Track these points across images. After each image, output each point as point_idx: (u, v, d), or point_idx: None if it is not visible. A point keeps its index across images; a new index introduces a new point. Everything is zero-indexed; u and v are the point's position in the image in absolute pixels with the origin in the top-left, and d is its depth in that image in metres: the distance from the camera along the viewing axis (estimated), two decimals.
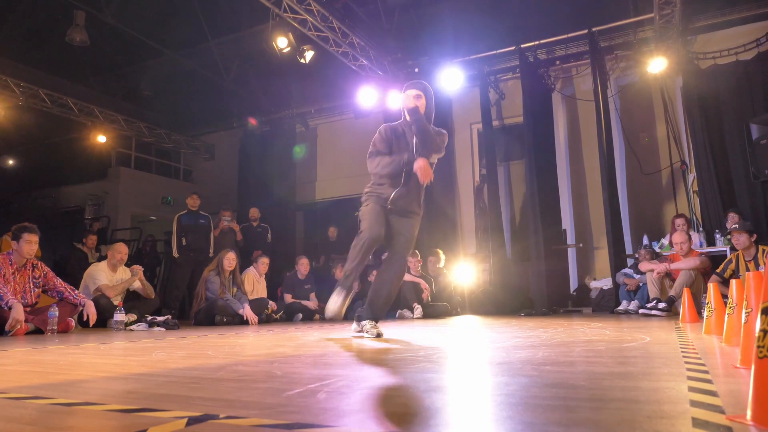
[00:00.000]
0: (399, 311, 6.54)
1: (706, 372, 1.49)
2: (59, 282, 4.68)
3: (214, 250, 7.47)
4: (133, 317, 4.96)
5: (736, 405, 1.05)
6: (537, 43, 7.74)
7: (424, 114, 3.36)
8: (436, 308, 6.51)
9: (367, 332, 3.20)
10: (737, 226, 5.13)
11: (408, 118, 3.37)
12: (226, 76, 9.17)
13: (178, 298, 7.25)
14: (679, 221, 6.16)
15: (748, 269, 4.96)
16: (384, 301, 3.34)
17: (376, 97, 8.12)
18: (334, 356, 2.20)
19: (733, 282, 2.43)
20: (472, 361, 2.01)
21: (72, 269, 7.42)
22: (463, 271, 7.48)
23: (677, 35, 7.02)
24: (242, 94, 9.89)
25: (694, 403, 1.06)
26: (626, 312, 5.82)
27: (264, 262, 6.68)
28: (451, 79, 7.83)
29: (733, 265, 5.13)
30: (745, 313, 1.66)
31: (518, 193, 8.82)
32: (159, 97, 10.30)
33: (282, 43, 7.22)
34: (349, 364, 1.94)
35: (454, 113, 8.98)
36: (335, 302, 3.18)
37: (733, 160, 6.85)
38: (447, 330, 3.96)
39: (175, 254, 7.36)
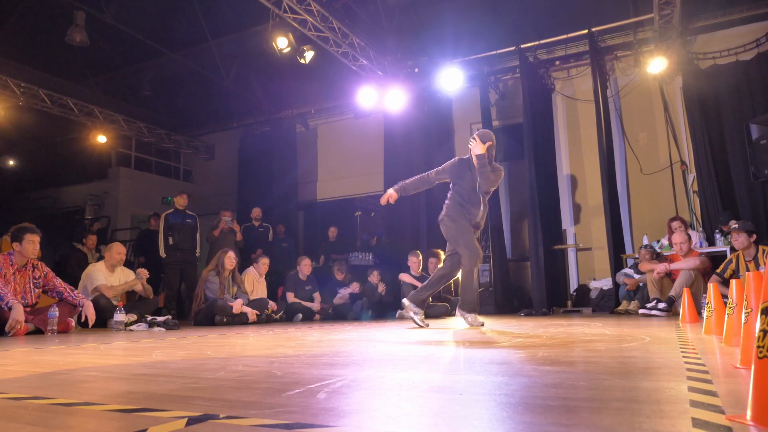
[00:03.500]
0: (399, 311, 6.53)
1: (706, 372, 1.49)
2: (59, 282, 4.68)
3: (201, 250, 7.47)
4: (133, 317, 4.96)
5: (736, 405, 1.05)
6: (537, 43, 7.74)
7: (487, 158, 4.23)
8: (436, 308, 6.51)
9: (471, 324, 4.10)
10: (737, 225, 5.13)
11: (475, 160, 4.21)
12: (226, 76, 9.16)
13: (173, 298, 7.22)
14: (675, 224, 6.15)
15: (748, 269, 4.96)
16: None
17: (376, 98, 8.12)
18: (334, 356, 2.20)
19: (733, 282, 2.43)
20: (472, 362, 2.01)
21: (72, 269, 7.40)
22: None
23: (677, 35, 7.02)
24: (242, 94, 9.88)
25: (694, 403, 1.06)
26: (626, 312, 5.82)
27: (264, 263, 6.68)
28: (451, 79, 7.83)
29: (733, 265, 5.13)
30: (745, 313, 1.66)
31: (518, 193, 8.81)
32: (159, 97, 10.29)
33: (282, 43, 7.22)
34: (349, 364, 1.94)
35: (454, 113, 8.98)
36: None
37: (733, 160, 6.85)
38: (447, 330, 3.96)
39: (163, 254, 7.21)
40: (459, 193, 4.33)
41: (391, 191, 4.40)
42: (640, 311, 5.46)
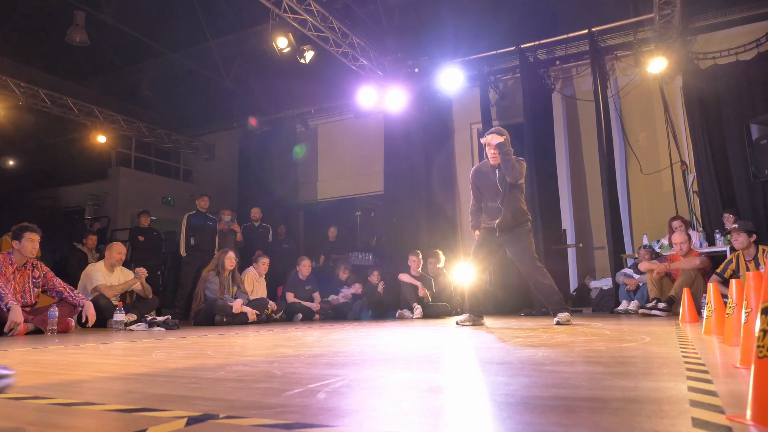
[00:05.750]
0: (399, 311, 6.54)
1: (706, 372, 1.49)
2: (59, 282, 4.68)
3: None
4: (132, 317, 4.96)
5: (736, 405, 1.05)
6: (537, 43, 7.74)
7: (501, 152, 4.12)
8: (436, 308, 6.51)
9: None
10: (737, 225, 5.13)
11: (494, 150, 4.15)
12: (226, 76, 9.17)
13: (183, 297, 7.27)
14: (676, 223, 6.15)
15: (748, 269, 4.96)
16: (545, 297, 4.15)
17: (376, 97, 8.11)
18: (334, 356, 2.20)
19: (733, 282, 2.43)
20: (472, 361, 2.01)
21: (72, 269, 7.42)
22: (463, 271, 7.47)
23: (677, 35, 7.02)
24: (242, 94, 9.89)
25: (694, 403, 1.06)
26: (626, 312, 5.82)
27: (264, 263, 6.68)
28: (451, 79, 7.82)
29: (733, 265, 5.13)
30: (745, 313, 1.66)
31: None
32: (159, 97, 10.30)
33: (282, 43, 7.22)
34: (349, 364, 1.94)
35: (454, 113, 8.98)
36: None
37: (733, 160, 6.84)
38: (447, 330, 3.96)
39: (183, 253, 7.46)
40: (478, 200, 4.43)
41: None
42: (640, 311, 5.45)
